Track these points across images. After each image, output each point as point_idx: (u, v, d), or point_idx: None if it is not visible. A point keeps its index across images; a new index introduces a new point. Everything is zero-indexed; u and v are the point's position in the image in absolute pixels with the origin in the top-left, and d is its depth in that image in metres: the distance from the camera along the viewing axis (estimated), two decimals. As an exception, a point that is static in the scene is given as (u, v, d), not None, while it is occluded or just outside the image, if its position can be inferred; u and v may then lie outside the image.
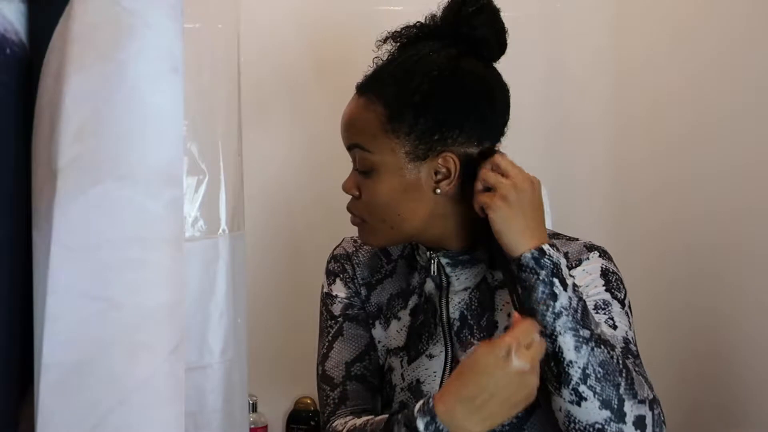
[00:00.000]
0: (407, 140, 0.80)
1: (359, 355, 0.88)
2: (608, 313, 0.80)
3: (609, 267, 0.84)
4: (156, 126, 0.53)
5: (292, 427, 1.43)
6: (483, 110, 0.81)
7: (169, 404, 0.53)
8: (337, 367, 0.88)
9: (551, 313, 0.73)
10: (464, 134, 0.80)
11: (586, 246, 0.86)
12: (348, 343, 0.89)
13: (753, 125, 1.09)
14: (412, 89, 0.79)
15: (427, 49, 0.82)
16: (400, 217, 0.82)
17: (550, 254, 0.75)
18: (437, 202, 0.81)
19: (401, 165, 0.80)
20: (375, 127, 0.81)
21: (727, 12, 1.16)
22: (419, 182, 0.81)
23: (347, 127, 0.84)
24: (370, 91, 0.83)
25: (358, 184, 0.84)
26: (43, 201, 0.51)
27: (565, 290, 0.74)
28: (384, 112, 0.80)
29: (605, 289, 0.82)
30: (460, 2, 0.81)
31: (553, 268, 0.74)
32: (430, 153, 0.80)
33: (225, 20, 0.78)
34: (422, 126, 0.79)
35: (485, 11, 0.81)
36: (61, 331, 0.49)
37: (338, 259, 0.94)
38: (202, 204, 0.74)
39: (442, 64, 0.80)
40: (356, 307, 0.92)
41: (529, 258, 0.74)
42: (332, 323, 0.91)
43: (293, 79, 1.40)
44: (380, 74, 0.84)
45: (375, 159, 0.81)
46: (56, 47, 0.52)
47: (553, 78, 1.39)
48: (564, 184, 1.40)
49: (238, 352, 0.77)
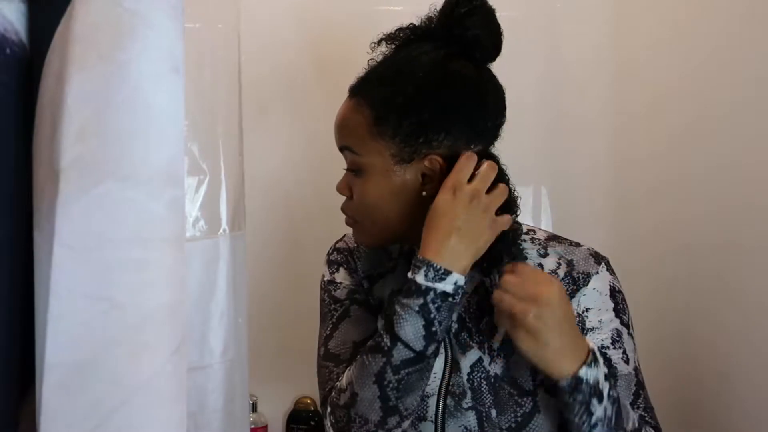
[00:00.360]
0: (392, 143, 0.80)
1: (367, 337, 0.85)
2: (621, 346, 0.82)
3: (615, 285, 0.84)
4: (157, 126, 0.53)
5: (292, 427, 1.43)
6: (472, 112, 0.80)
7: (171, 404, 0.53)
8: (343, 344, 0.86)
9: (587, 425, 0.74)
10: (451, 136, 0.79)
11: (592, 255, 0.85)
12: (355, 325, 0.88)
13: (753, 122, 1.09)
14: (397, 91, 0.79)
15: (417, 51, 0.81)
16: (388, 219, 0.82)
17: (588, 379, 0.73)
18: (425, 204, 0.81)
19: (388, 167, 0.80)
20: (363, 129, 0.81)
21: (726, 9, 1.16)
22: (406, 184, 0.81)
23: (339, 129, 0.85)
24: (359, 94, 0.83)
25: (350, 185, 0.84)
26: (45, 201, 0.51)
27: (600, 403, 0.73)
28: (371, 114, 0.80)
29: (615, 315, 0.82)
30: (453, 3, 0.81)
31: (591, 391, 0.73)
32: (416, 155, 0.79)
33: (225, 20, 0.78)
34: (406, 129, 0.79)
35: (478, 12, 0.80)
36: (64, 332, 0.49)
37: (341, 251, 0.94)
38: (202, 204, 0.74)
39: (429, 66, 0.80)
40: (362, 294, 0.91)
41: (565, 386, 0.73)
42: (337, 306, 0.90)
43: (293, 79, 1.40)
44: (369, 77, 0.84)
45: (363, 161, 0.81)
46: (57, 47, 0.52)
47: (553, 76, 1.39)
48: (563, 183, 1.41)
49: (238, 352, 0.77)
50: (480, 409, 0.81)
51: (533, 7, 1.38)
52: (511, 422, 0.80)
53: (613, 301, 0.83)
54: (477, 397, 0.81)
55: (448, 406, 0.82)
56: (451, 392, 0.83)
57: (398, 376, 0.75)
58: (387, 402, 0.76)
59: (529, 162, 1.36)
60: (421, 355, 0.75)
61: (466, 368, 0.83)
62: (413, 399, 0.77)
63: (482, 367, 0.82)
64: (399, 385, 0.75)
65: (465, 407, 0.82)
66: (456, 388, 0.82)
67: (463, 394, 0.82)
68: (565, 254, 0.85)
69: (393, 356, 0.75)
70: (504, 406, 0.81)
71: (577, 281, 0.82)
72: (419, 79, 0.79)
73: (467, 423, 0.81)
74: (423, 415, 0.83)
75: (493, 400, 0.81)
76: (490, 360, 0.82)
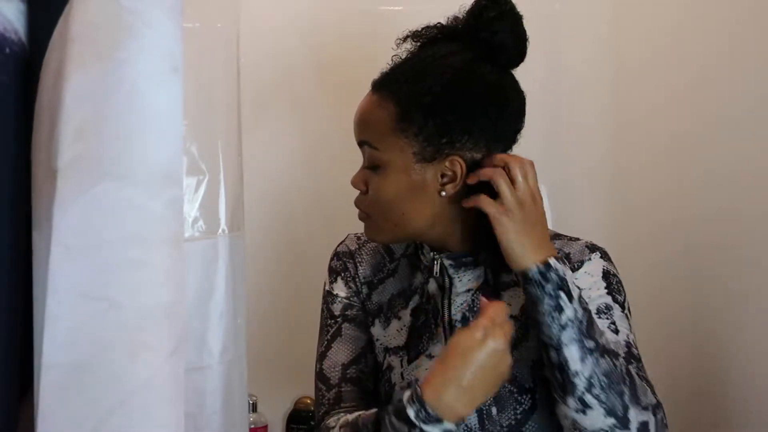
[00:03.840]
0: (416, 141, 0.80)
1: (356, 357, 0.89)
2: (610, 318, 0.82)
3: (610, 269, 0.85)
4: (156, 126, 0.53)
5: (292, 427, 1.43)
6: (494, 116, 0.81)
7: (169, 405, 0.53)
8: (333, 368, 0.89)
9: (557, 325, 0.74)
10: (473, 139, 0.80)
11: (588, 246, 0.87)
12: (345, 345, 0.90)
13: (754, 124, 1.08)
14: (424, 90, 0.79)
15: (444, 51, 0.82)
16: (404, 216, 0.82)
17: (556, 268, 0.75)
18: (442, 204, 0.81)
19: (408, 165, 0.80)
20: (385, 125, 0.81)
21: (728, 11, 1.15)
22: (425, 183, 0.81)
23: (359, 123, 0.85)
24: (384, 89, 0.83)
25: (366, 179, 0.84)
26: (43, 201, 0.51)
27: (571, 302, 0.74)
28: (395, 111, 0.80)
29: (606, 292, 0.83)
30: (482, 6, 0.81)
31: (559, 281, 0.75)
32: (438, 155, 0.80)
33: (225, 20, 0.78)
34: (431, 128, 0.79)
35: (506, 17, 0.81)
36: (61, 332, 0.49)
37: (341, 256, 0.95)
38: (201, 204, 0.74)
39: (457, 68, 0.80)
40: (356, 308, 0.92)
41: (535, 272, 0.75)
42: (332, 323, 0.92)
43: (293, 78, 1.40)
44: (395, 73, 0.84)
45: (383, 157, 0.81)
46: (56, 46, 0.52)
47: (553, 76, 1.38)
48: (563, 183, 1.40)
49: (237, 353, 0.77)
50: (480, 407, 0.81)
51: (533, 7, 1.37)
52: (511, 419, 0.81)
53: (605, 281, 0.84)
54: None
55: None
56: None
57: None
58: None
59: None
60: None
61: None
62: None
63: None
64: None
65: None
66: None
67: None
68: (563, 248, 0.86)
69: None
70: (504, 403, 0.81)
71: (573, 270, 0.83)
72: (447, 81, 0.79)
73: (468, 421, 0.82)
74: None
75: (493, 398, 0.81)
76: None
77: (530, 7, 1.40)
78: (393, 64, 0.85)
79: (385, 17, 0.88)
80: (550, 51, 1.38)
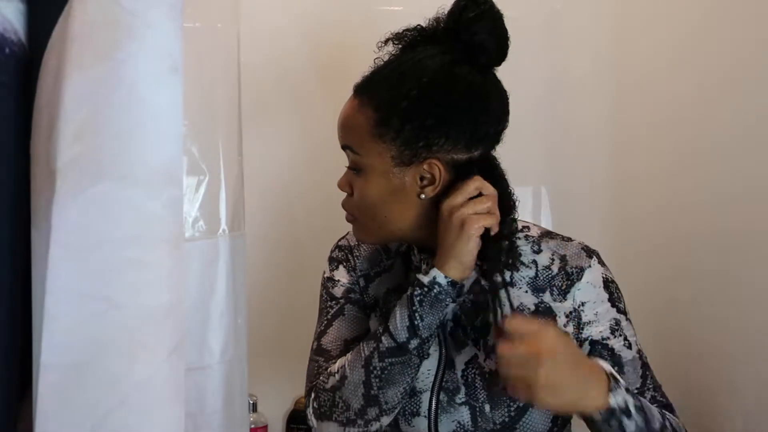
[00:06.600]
0: (393, 145, 0.80)
1: (358, 336, 0.89)
2: (621, 333, 0.84)
3: (607, 275, 0.86)
4: (155, 126, 0.53)
5: (292, 427, 1.43)
6: (474, 118, 0.80)
7: (169, 405, 0.53)
8: (335, 341, 0.89)
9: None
10: (451, 141, 0.79)
11: (584, 249, 0.87)
12: (348, 323, 0.91)
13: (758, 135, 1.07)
14: (402, 95, 0.79)
15: (422, 54, 0.81)
16: (387, 219, 0.83)
17: (618, 405, 0.74)
18: (423, 206, 0.82)
19: (387, 169, 0.81)
20: (364, 130, 0.81)
21: (732, 20, 1.14)
22: (404, 186, 0.81)
23: (341, 128, 0.85)
24: (364, 94, 0.83)
25: (351, 182, 0.85)
26: (42, 201, 0.51)
27: (630, 419, 0.74)
28: (373, 116, 0.81)
29: (611, 304, 0.85)
30: (462, 7, 0.80)
31: (622, 415, 0.74)
32: (416, 159, 0.80)
33: (225, 20, 0.78)
34: (408, 132, 0.79)
35: (486, 17, 0.80)
36: (60, 332, 0.49)
37: (342, 248, 0.97)
38: (202, 204, 0.74)
39: (434, 70, 0.79)
40: (357, 293, 0.94)
41: (600, 419, 0.74)
42: (333, 303, 0.93)
43: (293, 78, 1.40)
44: (374, 77, 0.84)
45: (364, 161, 0.82)
46: (55, 47, 0.52)
47: (553, 76, 1.38)
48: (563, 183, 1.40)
49: (238, 353, 0.77)
50: (473, 405, 0.82)
51: (533, 7, 1.37)
52: (505, 417, 0.81)
53: (607, 291, 0.85)
54: (471, 392, 0.83)
55: (441, 402, 0.83)
56: (444, 388, 0.84)
57: (383, 363, 0.79)
58: (369, 390, 0.80)
59: (529, 162, 1.36)
60: (402, 347, 0.79)
61: (460, 365, 0.84)
62: (394, 394, 0.80)
63: (477, 363, 0.83)
64: (382, 374, 0.79)
65: (458, 402, 0.83)
66: (449, 384, 0.84)
67: (456, 389, 0.83)
68: (557, 249, 0.86)
69: (382, 342, 0.80)
70: (498, 401, 0.82)
71: (570, 276, 0.84)
72: (424, 84, 0.79)
73: (460, 418, 0.82)
74: (416, 411, 0.84)
75: (486, 396, 0.81)
76: (485, 356, 0.83)
77: (531, 7, 1.39)
78: (373, 68, 0.84)
79: (384, 17, 0.88)
80: (550, 49, 1.38)
